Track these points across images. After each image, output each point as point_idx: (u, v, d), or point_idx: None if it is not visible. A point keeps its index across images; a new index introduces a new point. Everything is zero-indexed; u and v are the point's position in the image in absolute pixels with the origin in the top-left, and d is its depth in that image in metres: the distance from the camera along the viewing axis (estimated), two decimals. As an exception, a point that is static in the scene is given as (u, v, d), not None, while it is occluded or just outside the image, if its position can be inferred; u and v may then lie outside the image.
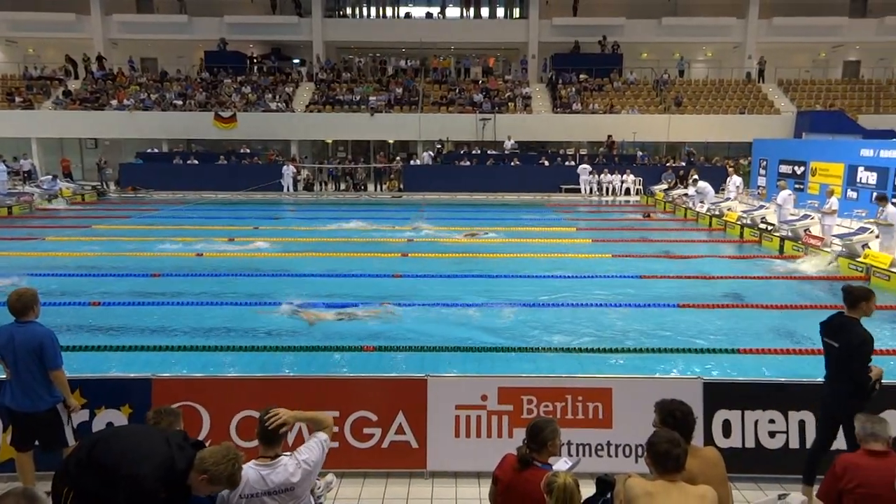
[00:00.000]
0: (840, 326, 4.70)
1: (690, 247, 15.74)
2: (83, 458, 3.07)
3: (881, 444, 3.62)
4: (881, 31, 32.84)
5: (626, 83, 32.97)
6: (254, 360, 7.71)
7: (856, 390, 4.59)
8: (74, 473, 3.05)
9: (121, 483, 2.93)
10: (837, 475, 3.60)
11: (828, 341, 4.78)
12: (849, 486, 3.52)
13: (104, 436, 3.31)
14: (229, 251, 14.53)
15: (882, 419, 3.76)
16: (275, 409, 3.47)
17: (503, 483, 3.51)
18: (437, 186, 26.71)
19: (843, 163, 19.70)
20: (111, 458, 3.02)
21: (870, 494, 3.42)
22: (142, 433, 3.33)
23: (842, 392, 4.65)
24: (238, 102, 30.84)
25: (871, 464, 3.53)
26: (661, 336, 8.74)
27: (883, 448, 3.60)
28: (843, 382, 4.65)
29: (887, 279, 11.44)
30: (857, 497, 3.47)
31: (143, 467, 2.96)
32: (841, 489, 3.56)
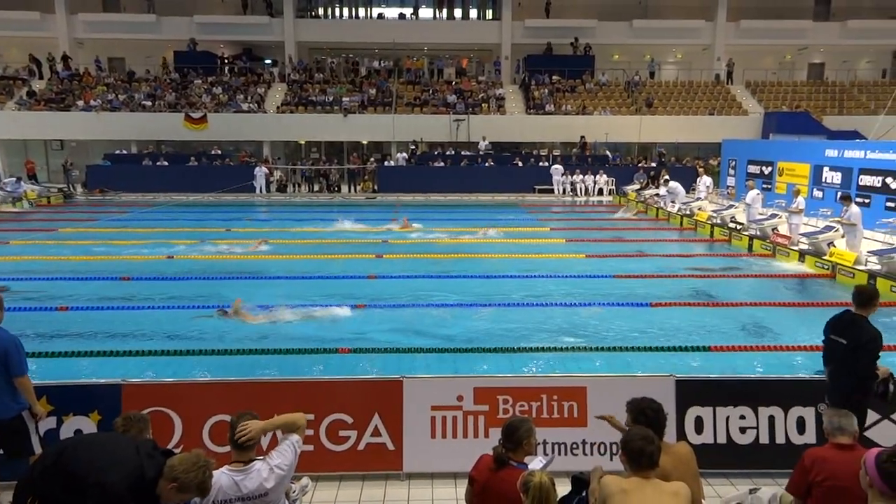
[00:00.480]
0: (850, 323, 4.77)
1: (662, 246, 15.95)
2: (49, 466, 2.99)
3: (847, 438, 3.71)
4: (844, 34, 33.69)
5: (598, 84, 33.31)
6: (227, 364, 7.61)
7: (859, 386, 4.68)
8: (40, 482, 2.97)
9: (88, 491, 2.86)
10: (806, 468, 3.68)
11: (834, 338, 4.82)
12: (817, 478, 3.60)
13: (71, 443, 3.23)
14: (201, 254, 14.33)
15: (848, 413, 3.84)
16: (245, 421, 3.43)
17: (479, 483, 3.51)
18: (411, 187, 26.70)
19: (809, 163, 20.14)
20: (79, 466, 2.95)
21: (837, 487, 3.49)
22: (110, 441, 3.26)
23: (846, 388, 4.73)
24: (209, 103, 30.44)
25: (838, 457, 3.61)
26: (634, 334, 8.84)
27: (849, 441, 3.68)
28: (847, 378, 4.72)
29: (852, 277, 11.72)
30: (825, 489, 3.55)
31: (111, 475, 2.90)
32: (810, 482, 3.63)
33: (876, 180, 16.95)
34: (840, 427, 3.73)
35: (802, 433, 5.24)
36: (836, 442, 3.71)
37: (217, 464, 3.24)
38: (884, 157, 16.83)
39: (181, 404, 5.17)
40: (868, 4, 34.78)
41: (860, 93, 32.63)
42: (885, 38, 33.78)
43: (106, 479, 2.88)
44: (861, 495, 3.18)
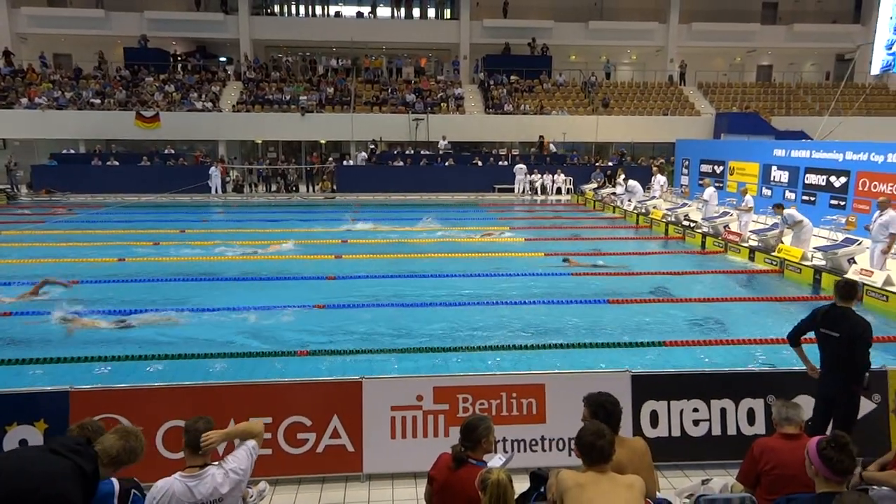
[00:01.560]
0: (841, 316, 4.89)
1: (619, 244, 16.22)
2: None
3: (794, 428, 3.83)
4: (790, 37, 34.87)
5: (555, 85, 33.70)
6: (182, 368, 7.43)
7: (854, 375, 4.83)
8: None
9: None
10: (755, 458, 3.79)
11: (826, 332, 4.93)
12: (766, 468, 3.72)
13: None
14: (154, 256, 13.97)
15: (796, 404, 3.98)
16: (199, 425, 3.36)
17: (438, 482, 3.51)
18: (370, 187, 26.56)
19: (759, 162, 20.79)
20: (17, 484, 2.77)
21: (785, 475, 3.61)
22: (28, 455, 3.02)
23: (843, 378, 4.86)
24: (161, 101, 29.68)
25: (785, 446, 3.73)
26: (592, 331, 8.98)
27: (796, 431, 3.81)
28: (844, 369, 4.85)
29: (798, 272, 12.14)
30: (774, 478, 3.66)
31: (60, 485, 2.79)
32: (759, 471, 3.75)
33: (821, 179, 17.60)
34: (787, 417, 3.86)
35: (752, 424, 5.40)
36: (784, 432, 3.83)
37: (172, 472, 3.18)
38: (828, 156, 17.49)
39: (133, 411, 5.02)
40: (812, 9, 36.10)
41: (805, 94, 33.82)
42: (828, 42, 35.10)
43: (59, 490, 2.78)
44: (807, 482, 3.29)
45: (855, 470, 3.24)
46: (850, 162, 16.53)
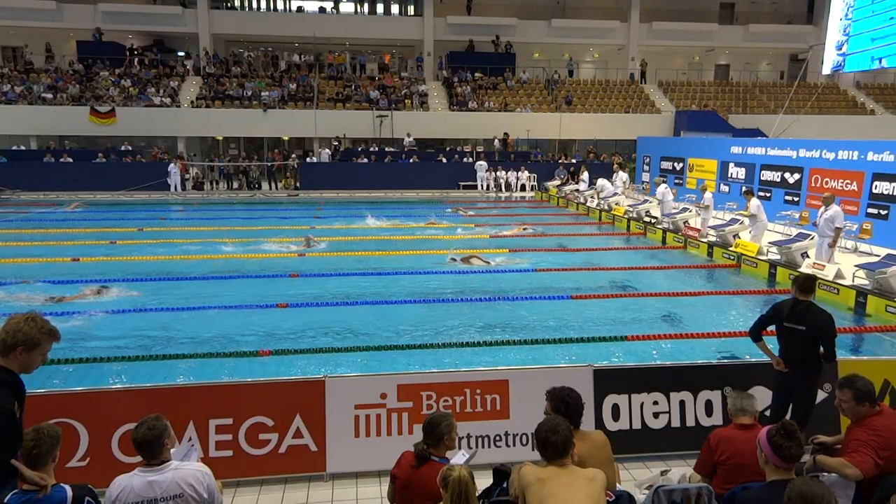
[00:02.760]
0: (805, 311, 5.00)
1: (582, 240, 16.40)
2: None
3: (749, 418, 3.93)
4: (746, 37, 35.73)
5: (519, 82, 33.89)
6: (139, 370, 7.26)
7: (817, 366, 4.97)
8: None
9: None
10: (712, 448, 3.87)
11: (791, 326, 5.02)
12: (722, 458, 3.80)
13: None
14: (111, 255, 13.60)
15: (750, 395, 4.08)
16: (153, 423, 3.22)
17: (401, 480, 3.50)
18: (334, 184, 26.34)
19: (717, 159, 21.27)
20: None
21: (740, 464, 3.69)
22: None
23: (809, 370, 4.99)
24: (117, 96, 28.89)
25: (740, 436, 3.82)
26: (555, 327, 9.06)
27: (751, 421, 3.91)
28: (810, 361, 4.97)
29: (755, 266, 12.46)
30: (730, 467, 3.75)
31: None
32: (715, 461, 3.83)
33: (776, 175, 18.09)
34: (742, 408, 3.95)
35: (710, 415, 5.52)
36: (739, 422, 3.93)
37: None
38: (782, 153, 17.98)
39: (87, 414, 4.88)
40: (767, 10, 37.06)
41: (761, 93, 34.71)
42: (783, 42, 36.11)
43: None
44: (761, 471, 3.38)
45: (803, 457, 3.33)
46: (804, 159, 17.03)
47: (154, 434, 3.17)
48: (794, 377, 5.03)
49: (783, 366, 5.08)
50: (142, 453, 3.22)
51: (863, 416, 3.84)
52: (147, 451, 3.20)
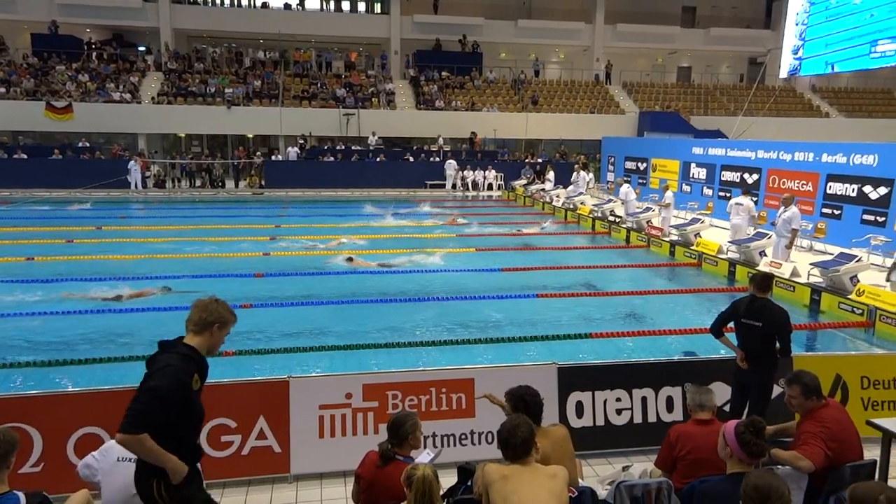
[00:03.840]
0: (762, 307, 5.11)
1: (548, 239, 16.56)
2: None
3: (707, 413, 4.02)
4: (707, 40, 36.52)
5: (486, 82, 34.03)
6: (96, 373, 7.07)
7: (774, 362, 5.09)
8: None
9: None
10: (671, 444, 3.95)
11: (748, 322, 5.13)
12: (681, 453, 3.88)
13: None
14: (68, 254, 13.23)
15: (709, 390, 4.16)
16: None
17: (366, 480, 3.49)
18: (300, 183, 26.06)
19: (679, 160, 21.69)
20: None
21: (699, 459, 3.78)
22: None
23: (766, 365, 5.10)
24: (74, 91, 28.10)
25: (699, 431, 3.91)
26: (521, 325, 9.12)
27: (709, 416, 4.00)
28: (767, 357, 5.08)
29: (715, 265, 12.75)
30: (689, 462, 3.83)
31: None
32: (675, 456, 3.91)
33: (735, 176, 18.52)
34: (700, 403, 4.03)
35: (671, 411, 5.62)
36: (698, 418, 4.01)
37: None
38: (741, 154, 18.43)
39: (40, 418, 4.74)
40: (727, 14, 37.92)
41: (721, 95, 35.50)
42: (742, 46, 37.03)
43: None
44: (720, 465, 3.46)
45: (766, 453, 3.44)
46: (762, 160, 17.48)
47: None
48: (752, 373, 5.15)
49: (746, 361, 5.18)
50: None
51: (811, 410, 3.97)
52: None
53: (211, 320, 3.25)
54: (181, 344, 3.23)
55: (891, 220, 13.05)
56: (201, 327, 3.24)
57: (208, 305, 3.30)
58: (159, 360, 3.13)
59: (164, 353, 3.17)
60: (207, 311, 3.27)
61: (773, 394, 5.31)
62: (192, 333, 3.26)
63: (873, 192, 13.71)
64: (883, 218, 13.33)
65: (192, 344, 3.22)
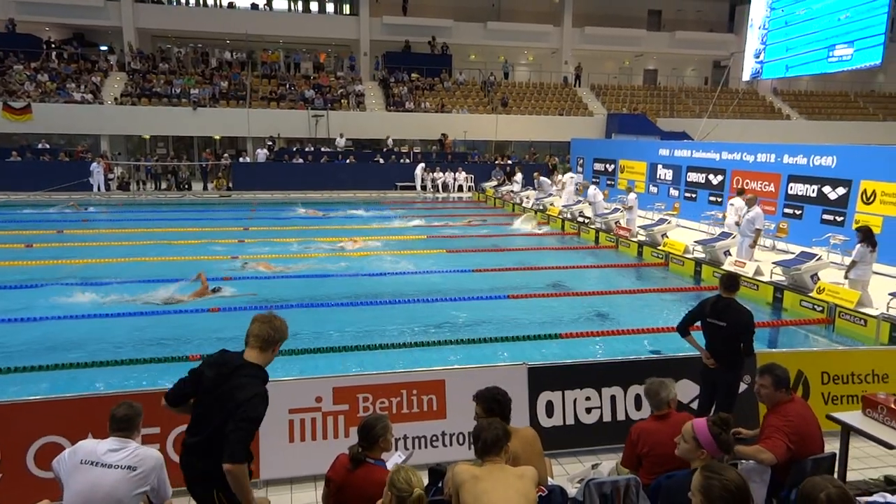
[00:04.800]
0: (726, 307, 5.19)
1: (518, 240, 16.66)
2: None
3: (664, 408, 4.07)
4: (673, 43, 37.18)
5: (455, 83, 34.10)
6: (59, 378, 6.89)
7: (739, 360, 5.17)
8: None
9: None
10: (633, 442, 4.00)
11: (713, 322, 5.21)
12: (643, 450, 3.93)
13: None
14: (27, 259, 12.87)
15: (665, 382, 4.15)
16: None
17: (336, 483, 3.46)
18: (269, 185, 25.74)
19: (646, 161, 22.02)
20: None
21: (662, 454, 3.83)
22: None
23: (731, 364, 5.17)
24: (33, 92, 27.35)
25: (658, 427, 3.96)
26: (492, 325, 9.16)
27: (666, 410, 4.06)
28: (732, 355, 5.15)
29: (682, 265, 12.97)
30: (653, 458, 3.89)
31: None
32: (638, 454, 3.96)
33: (701, 177, 18.88)
34: (657, 404, 4.09)
35: (640, 409, 5.68)
36: (656, 413, 4.07)
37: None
38: (706, 156, 18.79)
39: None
40: (692, 17, 38.66)
41: (687, 97, 36.17)
42: (706, 49, 37.78)
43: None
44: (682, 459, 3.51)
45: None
46: (726, 161, 17.85)
47: (134, 412, 3.46)
48: (719, 371, 5.25)
49: (712, 359, 5.27)
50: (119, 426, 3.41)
51: (777, 403, 4.06)
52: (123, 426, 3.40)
53: (277, 338, 3.26)
54: (254, 366, 3.20)
55: (849, 220, 13.44)
56: (267, 344, 3.24)
57: (274, 322, 3.27)
58: (245, 385, 3.10)
59: (245, 376, 3.14)
60: (274, 329, 3.25)
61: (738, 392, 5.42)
62: (257, 350, 3.23)
63: (832, 193, 14.10)
64: (841, 217, 13.72)
65: (260, 363, 3.22)
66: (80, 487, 3.22)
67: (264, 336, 3.24)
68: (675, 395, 4.14)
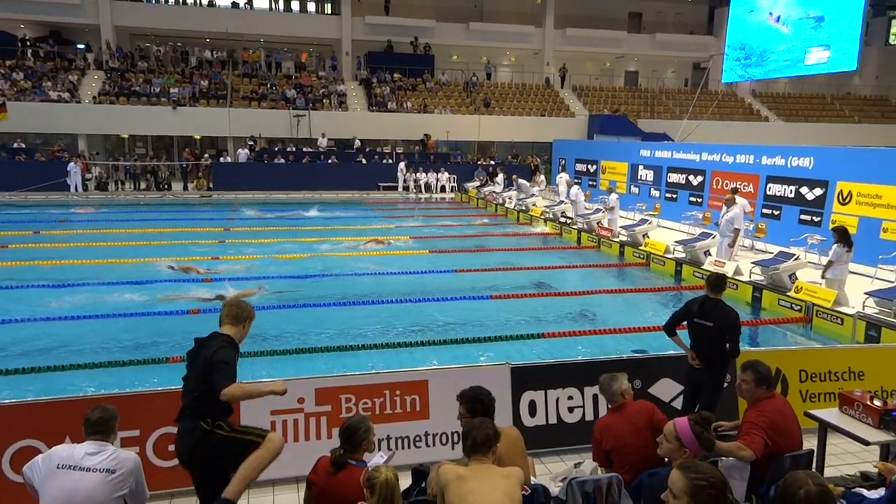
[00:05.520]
0: (713, 308, 5.22)
1: (501, 240, 16.70)
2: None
3: (619, 399, 4.12)
4: (653, 45, 37.51)
5: (438, 84, 34.10)
6: (37, 381, 6.78)
7: (724, 361, 5.20)
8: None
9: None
10: (597, 439, 4.05)
11: (699, 322, 5.23)
12: (608, 446, 3.98)
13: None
14: (1, 260, 12.65)
15: (615, 375, 4.23)
16: None
17: (318, 486, 3.44)
18: (250, 185, 25.51)
19: (627, 162, 22.18)
20: None
21: (626, 445, 3.89)
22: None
23: (716, 364, 5.20)
24: (8, 90, 26.86)
25: (616, 419, 4.02)
26: (475, 326, 9.17)
27: (621, 402, 4.11)
28: (717, 356, 5.17)
29: (662, 264, 13.08)
30: (619, 454, 3.94)
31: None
32: (604, 451, 4.00)
33: (681, 178, 19.06)
34: (612, 392, 4.14)
35: (622, 407, 5.73)
36: (613, 406, 4.13)
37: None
38: (686, 157, 18.98)
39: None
40: (672, 20, 39.02)
41: (667, 99, 36.51)
42: (687, 51, 38.16)
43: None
44: (646, 448, 3.54)
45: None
46: (706, 162, 18.04)
47: (109, 414, 3.48)
48: (703, 371, 5.26)
49: (697, 360, 5.29)
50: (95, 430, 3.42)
51: (758, 399, 4.10)
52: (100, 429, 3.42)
53: (245, 315, 3.93)
54: (224, 335, 3.82)
55: (825, 220, 13.65)
56: (237, 319, 3.89)
57: (240, 303, 3.98)
58: (216, 347, 3.71)
59: (215, 341, 3.78)
60: (241, 308, 3.93)
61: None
62: (229, 325, 3.88)
63: (809, 193, 14.31)
64: (819, 218, 13.94)
65: (232, 335, 3.85)
66: (58, 493, 3.17)
67: (234, 314, 3.88)
68: (629, 387, 4.20)
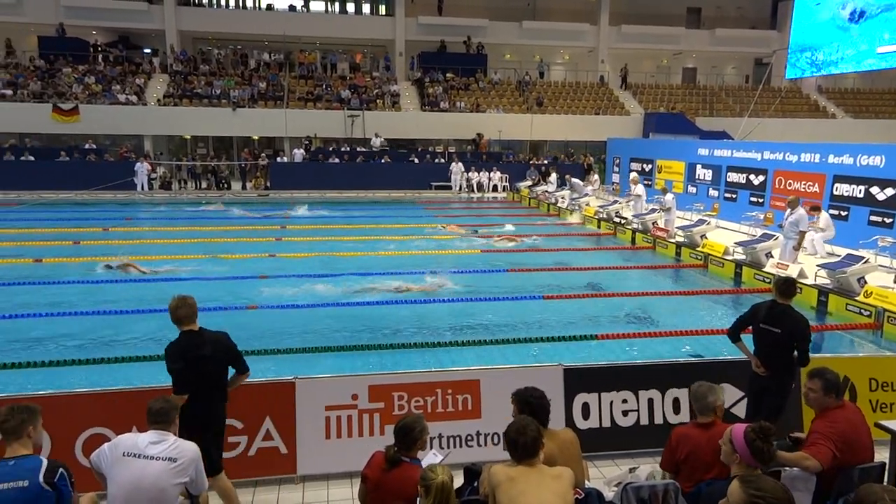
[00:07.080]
0: (782, 314, 5.01)
1: (554, 240, 16.52)
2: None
3: (710, 415, 3.94)
4: (713, 41, 36.43)
5: (490, 83, 34.03)
6: (95, 373, 7.09)
7: (791, 368, 5.02)
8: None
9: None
10: (673, 447, 3.91)
11: (766, 328, 5.04)
12: (681, 456, 3.83)
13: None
14: (74, 256, 13.28)
15: (713, 387, 4.02)
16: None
17: (372, 481, 3.49)
18: (305, 184, 26.09)
19: (684, 161, 21.62)
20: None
21: (701, 461, 3.74)
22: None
23: (782, 371, 5.02)
24: (81, 94, 28.23)
25: (698, 433, 3.85)
26: (528, 326, 9.11)
27: (711, 419, 3.93)
28: (784, 363, 5.00)
29: (721, 266, 12.70)
30: (691, 465, 3.80)
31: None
32: (677, 459, 3.87)
33: (741, 177, 18.46)
34: (703, 405, 3.98)
35: (678, 413, 5.60)
36: (699, 421, 3.95)
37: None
38: (747, 156, 18.36)
39: (49, 419, 4.74)
40: (733, 14, 37.80)
41: (727, 96, 35.41)
42: (748, 47, 36.90)
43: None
44: (721, 468, 3.43)
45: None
46: (768, 161, 17.40)
47: (170, 405, 3.64)
48: (769, 379, 5.06)
49: (762, 367, 5.09)
50: (157, 419, 3.56)
51: (826, 408, 3.92)
52: (161, 419, 3.57)
53: (196, 310, 4.35)
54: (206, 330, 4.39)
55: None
56: (195, 315, 4.35)
57: (187, 300, 4.32)
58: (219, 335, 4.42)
59: (210, 333, 4.36)
60: (190, 305, 4.31)
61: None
62: (195, 323, 4.34)
63: (880, 193, 13.64)
64: (890, 219, 13.26)
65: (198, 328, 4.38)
66: (125, 479, 3.32)
67: (191, 314, 4.30)
68: (723, 403, 4.01)
